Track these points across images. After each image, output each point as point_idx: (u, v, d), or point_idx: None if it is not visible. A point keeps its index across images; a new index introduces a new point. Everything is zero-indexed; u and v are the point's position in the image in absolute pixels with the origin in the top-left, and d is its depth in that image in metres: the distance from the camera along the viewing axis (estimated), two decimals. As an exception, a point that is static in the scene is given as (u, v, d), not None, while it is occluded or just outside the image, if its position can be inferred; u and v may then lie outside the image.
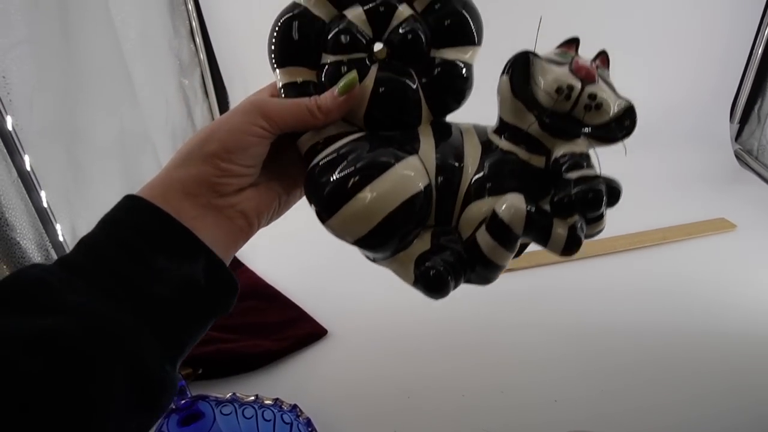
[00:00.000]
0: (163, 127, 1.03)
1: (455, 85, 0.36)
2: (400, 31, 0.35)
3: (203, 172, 0.32)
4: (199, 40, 1.14)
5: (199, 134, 0.33)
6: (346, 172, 0.33)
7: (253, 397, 0.51)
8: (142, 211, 0.31)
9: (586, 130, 0.34)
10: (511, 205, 0.32)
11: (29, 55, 0.68)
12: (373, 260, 0.37)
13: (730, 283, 0.72)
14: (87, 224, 0.82)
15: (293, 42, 0.36)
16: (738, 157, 1.07)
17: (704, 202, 0.92)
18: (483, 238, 0.33)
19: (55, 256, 0.70)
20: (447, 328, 0.65)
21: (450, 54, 0.36)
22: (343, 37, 0.35)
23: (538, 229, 0.32)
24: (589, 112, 0.33)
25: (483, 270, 0.35)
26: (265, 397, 0.51)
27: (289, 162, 0.37)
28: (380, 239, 0.34)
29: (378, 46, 0.36)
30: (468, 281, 0.36)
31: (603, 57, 0.38)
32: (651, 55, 1.08)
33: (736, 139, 1.13)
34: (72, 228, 0.78)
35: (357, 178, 0.32)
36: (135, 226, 0.30)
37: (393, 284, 0.36)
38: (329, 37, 0.35)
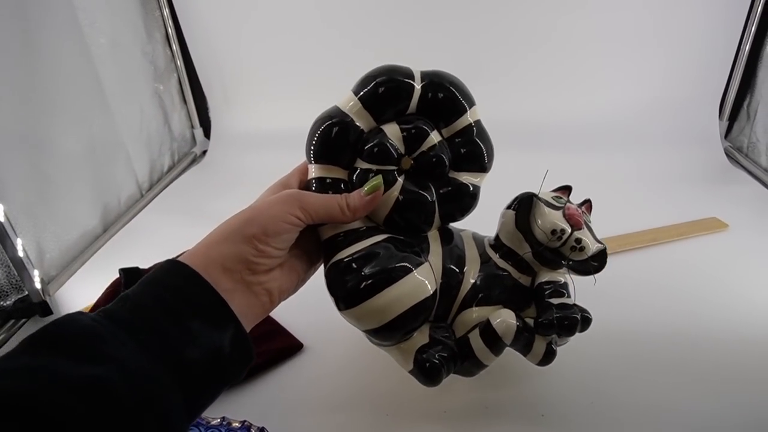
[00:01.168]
0: (137, 134, 1.00)
1: (465, 203, 0.44)
2: (431, 154, 0.41)
3: (243, 251, 0.36)
4: (175, 46, 1.11)
5: (241, 216, 0.37)
6: (370, 272, 0.38)
7: (218, 420, 0.47)
8: (187, 277, 0.33)
9: (569, 263, 0.43)
10: (504, 320, 0.40)
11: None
12: (376, 344, 0.43)
13: (724, 284, 0.69)
14: (54, 237, 0.78)
15: (333, 144, 0.41)
16: (728, 154, 1.05)
17: (695, 201, 0.89)
18: (476, 341, 0.41)
19: (14, 272, 0.66)
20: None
21: (464, 177, 0.43)
22: (377, 150, 0.40)
23: (523, 342, 0.42)
24: (574, 252, 0.42)
25: (470, 366, 0.43)
26: (232, 419, 0.47)
27: (310, 247, 0.43)
28: (391, 332, 0.40)
29: (405, 158, 0.42)
30: (456, 372, 0.44)
31: (588, 204, 0.49)
32: (638, 52, 1.06)
33: (726, 137, 1.11)
34: (37, 242, 0.75)
35: (380, 278, 0.38)
36: (177, 289, 0.32)
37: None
38: (366, 147, 0.41)
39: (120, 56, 0.94)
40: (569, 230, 0.41)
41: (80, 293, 0.74)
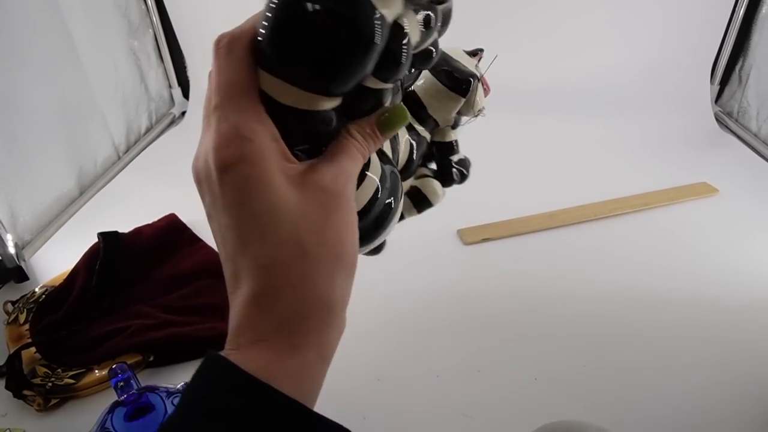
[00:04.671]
0: (112, 94, 0.95)
1: None
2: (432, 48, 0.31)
3: None
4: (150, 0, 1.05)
5: None
6: None
7: (182, 385, 0.46)
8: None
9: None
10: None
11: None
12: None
13: (715, 248, 0.69)
14: (27, 201, 0.75)
15: (351, 64, 0.28)
16: (718, 119, 1.04)
17: (685, 166, 0.89)
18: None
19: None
20: (418, 305, 0.61)
21: None
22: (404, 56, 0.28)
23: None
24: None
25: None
26: None
27: None
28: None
29: None
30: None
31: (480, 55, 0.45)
32: (631, 15, 1.03)
33: (716, 101, 1.10)
34: (9, 205, 0.71)
35: None
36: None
37: (360, 260, 0.31)
38: (392, 53, 0.27)
39: (91, 10, 0.89)
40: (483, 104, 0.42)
41: (57, 258, 0.71)
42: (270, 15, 0.25)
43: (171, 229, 0.72)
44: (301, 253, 0.24)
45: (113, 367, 0.49)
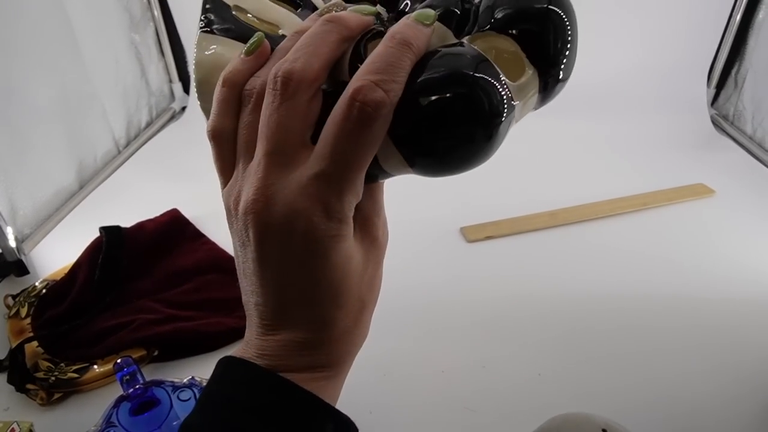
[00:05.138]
0: (112, 87, 0.94)
1: None
2: None
3: None
4: (151, -7, 1.04)
5: None
6: None
7: (188, 379, 0.46)
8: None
9: None
10: None
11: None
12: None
13: (712, 249, 0.70)
14: (28, 194, 0.74)
15: None
16: (714, 122, 1.06)
17: (681, 167, 0.90)
18: None
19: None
20: (423, 302, 0.61)
21: None
22: None
23: None
24: None
25: None
26: (203, 378, 0.46)
27: None
28: None
29: None
30: None
31: None
32: (628, 19, 1.05)
33: (713, 104, 1.11)
34: (9, 198, 0.71)
35: None
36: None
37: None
38: None
39: (93, 3, 0.88)
40: None
41: (57, 252, 0.71)
42: (441, 102, 0.22)
43: (174, 224, 0.72)
44: (361, 307, 0.26)
45: (118, 361, 0.49)
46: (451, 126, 0.22)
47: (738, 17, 1.01)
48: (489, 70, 0.23)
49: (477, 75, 0.22)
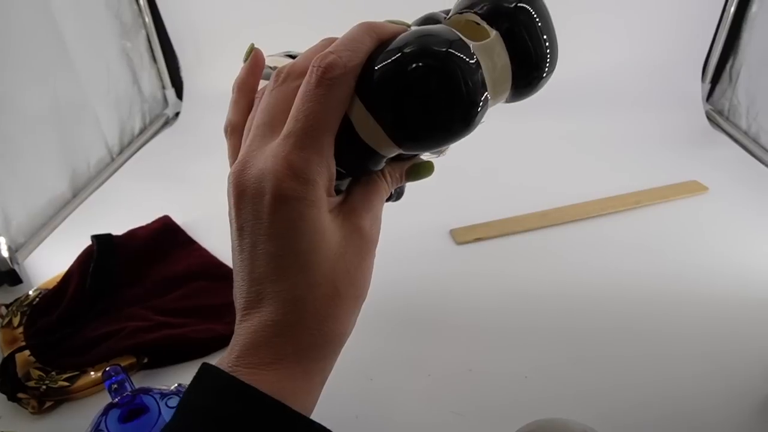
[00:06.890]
0: (105, 94, 0.95)
1: None
2: None
3: None
4: (142, 0, 1.04)
5: None
6: None
7: (174, 386, 0.46)
8: None
9: None
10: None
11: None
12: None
13: (704, 246, 0.70)
14: (21, 203, 0.75)
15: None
16: (709, 117, 1.05)
17: (675, 164, 0.89)
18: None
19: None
20: (410, 305, 0.61)
21: None
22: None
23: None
24: None
25: None
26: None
27: None
28: None
29: None
30: None
31: None
32: (621, 14, 1.04)
33: (707, 100, 1.10)
34: (1, 207, 0.71)
35: None
36: None
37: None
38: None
39: (83, 10, 0.88)
40: None
41: (51, 261, 0.72)
42: (400, 65, 0.24)
43: (165, 231, 0.73)
44: (333, 294, 0.26)
45: (107, 369, 0.49)
46: (411, 77, 0.24)
47: (731, 11, 1.01)
48: (446, 30, 0.24)
49: (432, 33, 0.24)
